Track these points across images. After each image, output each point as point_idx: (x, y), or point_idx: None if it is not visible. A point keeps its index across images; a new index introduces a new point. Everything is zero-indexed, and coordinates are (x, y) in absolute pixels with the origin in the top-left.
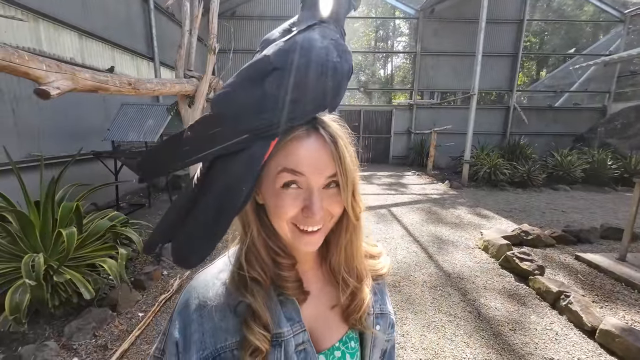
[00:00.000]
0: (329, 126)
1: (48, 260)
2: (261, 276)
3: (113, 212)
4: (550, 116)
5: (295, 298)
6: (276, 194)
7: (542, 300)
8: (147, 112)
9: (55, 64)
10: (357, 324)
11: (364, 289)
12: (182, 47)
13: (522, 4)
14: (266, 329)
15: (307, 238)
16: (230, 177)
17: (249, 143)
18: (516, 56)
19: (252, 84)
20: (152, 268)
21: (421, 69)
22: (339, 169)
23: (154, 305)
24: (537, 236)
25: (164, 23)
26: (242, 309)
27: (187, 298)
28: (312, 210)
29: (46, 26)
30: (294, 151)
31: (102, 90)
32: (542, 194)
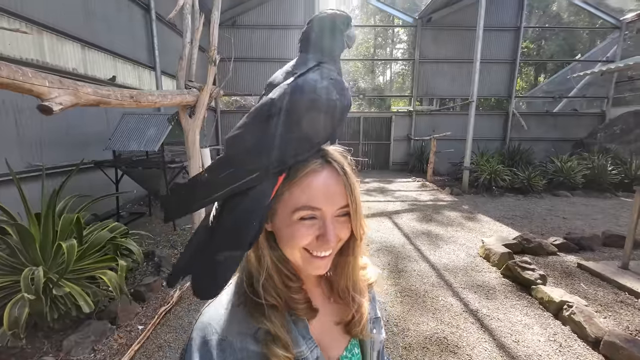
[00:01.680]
0: (338, 158)
1: (47, 273)
2: (277, 301)
3: (113, 223)
4: (550, 122)
5: (304, 317)
6: (291, 225)
7: (545, 310)
8: (149, 122)
9: (57, 79)
10: (359, 334)
11: (363, 303)
12: (183, 58)
13: (518, 11)
14: (288, 350)
15: (317, 262)
16: (243, 213)
17: (258, 180)
18: (514, 62)
19: (259, 125)
20: (152, 279)
21: (420, 75)
22: (350, 199)
23: (154, 318)
24: (539, 244)
25: (165, 33)
26: (262, 335)
27: (203, 335)
28: (327, 238)
29: (49, 38)
30: (310, 186)
31: (104, 104)
32: (543, 200)
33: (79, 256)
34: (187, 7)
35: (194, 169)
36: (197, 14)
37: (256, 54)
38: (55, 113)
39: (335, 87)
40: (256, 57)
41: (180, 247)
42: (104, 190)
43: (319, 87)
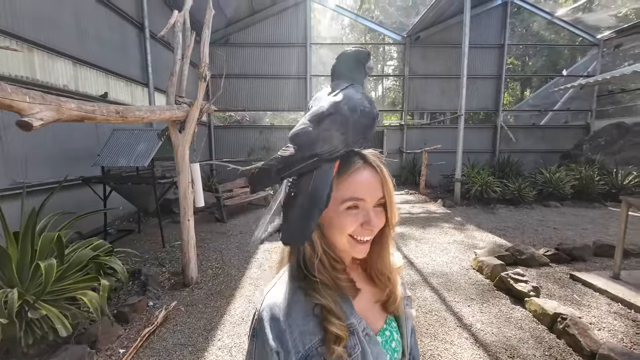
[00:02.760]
0: (375, 159)
1: (24, 295)
2: (328, 279)
3: (97, 241)
4: (537, 134)
5: (350, 295)
6: (340, 215)
7: (539, 323)
8: (139, 137)
9: (39, 95)
10: (395, 311)
11: (398, 284)
12: (174, 74)
13: (501, 30)
14: (341, 320)
15: (360, 247)
16: (316, 184)
17: (318, 163)
18: (500, 78)
19: (316, 124)
20: (137, 299)
21: (410, 91)
22: (386, 193)
23: (136, 340)
24: (531, 255)
25: (159, 50)
26: (319, 310)
27: (271, 312)
28: (371, 224)
29: (40, 55)
30: (354, 181)
31: (89, 120)
32: (534, 210)
33: (59, 276)
34: (179, 25)
35: (183, 184)
36: (189, 31)
37: (251, 71)
38: (36, 129)
39: (366, 99)
40: (250, 74)
41: (168, 264)
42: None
43: (356, 98)
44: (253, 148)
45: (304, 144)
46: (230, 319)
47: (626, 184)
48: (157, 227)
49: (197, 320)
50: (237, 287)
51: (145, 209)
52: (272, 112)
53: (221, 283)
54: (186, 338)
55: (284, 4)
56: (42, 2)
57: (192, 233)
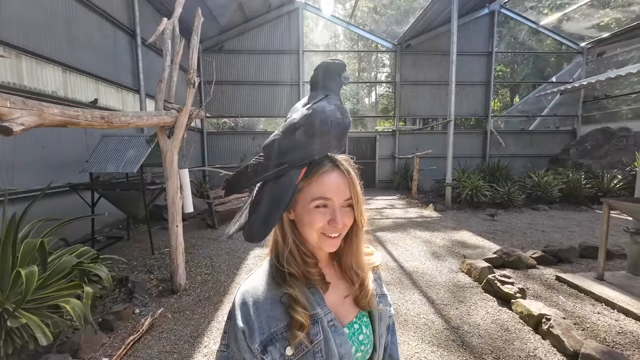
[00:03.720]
0: (344, 163)
1: (3, 303)
2: (297, 271)
3: (83, 248)
4: (526, 139)
5: (320, 288)
6: (310, 212)
7: (525, 324)
8: (128, 143)
9: (21, 100)
10: (366, 306)
11: (368, 279)
12: (163, 80)
13: (489, 38)
14: (305, 309)
15: (330, 241)
16: (279, 189)
17: (287, 170)
18: (489, 84)
19: (288, 135)
20: (123, 306)
21: (401, 97)
22: (352, 194)
23: (120, 349)
24: (518, 257)
25: (151, 57)
26: (286, 298)
27: (243, 297)
28: (337, 221)
29: (29, 62)
30: (324, 182)
31: (72, 125)
32: (523, 214)
33: (41, 284)
34: (168, 31)
35: (171, 189)
36: (178, 38)
37: (244, 78)
38: (16, 134)
39: (338, 110)
40: (244, 80)
41: (157, 271)
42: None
43: (327, 110)
44: (246, 154)
45: (274, 154)
46: (218, 326)
47: (612, 187)
48: (147, 234)
49: (183, 327)
50: (225, 294)
51: (135, 216)
52: (265, 118)
53: (210, 289)
54: (172, 345)
55: (277, 12)
56: (32, 9)
57: (181, 239)
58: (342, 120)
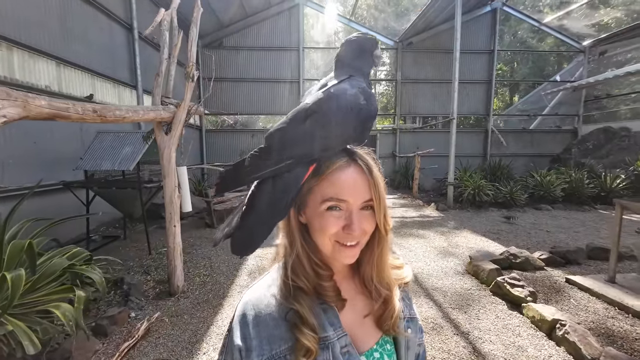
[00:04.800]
0: (364, 158)
1: None
2: (306, 285)
3: (75, 249)
4: (527, 138)
5: (334, 305)
6: (321, 215)
7: (538, 330)
8: (124, 140)
9: (4, 90)
10: (390, 330)
11: (394, 297)
12: (160, 74)
13: (491, 36)
14: (314, 331)
15: (346, 251)
16: (278, 191)
17: (292, 166)
18: (490, 83)
19: (296, 124)
20: (117, 310)
21: (402, 95)
22: (374, 195)
23: (114, 356)
24: (526, 259)
25: (149, 52)
26: (292, 316)
27: (243, 310)
28: (352, 228)
29: (21, 54)
30: (337, 180)
31: (61, 118)
32: (526, 214)
33: (29, 287)
34: (165, 23)
35: (169, 188)
36: (176, 30)
37: (244, 75)
38: None
39: (362, 94)
40: (244, 77)
41: (154, 272)
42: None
43: (348, 94)
44: (245, 152)
45: (276, 146)
46: (217, 330)
47: (615, 187)
48: (144, 233)
49: (181, 332)
50: (225, 296)
51: (131, 215)
52: (265, 115)
53: (209, 292)
54: (169, 352)
55: (277, 8)
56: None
57: (179, 239)
58: (366, 107)
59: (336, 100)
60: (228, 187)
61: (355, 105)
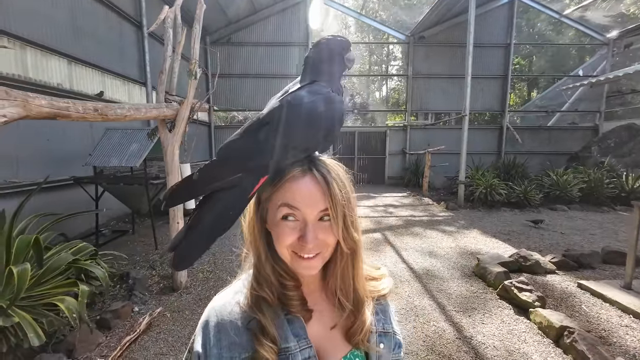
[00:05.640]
0: (323, 166)
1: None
2: (269, 295)
3: (81, 244)
4: (544, 135)
5: (301, 316)
6: (277, 224)
7: (545, 336)
8: (132, 137)
9: (3, 90)
10: (360, 344)
11: (363, 312)
12: (164, 72)
13: (508, 29)
14: (274, 342)
15: (304, 263)
16: (222, 207)
17: (241, 180)
18: (506, 78)
19: (248, 136)
20: (121, 304)
21: (414, 91)
22: (329, 205)
23: (116, 349)
24: (536, 262)
25: (157, 49)
26: (254, 325)
27: (207, 317)
28: (306, 239)
29: (33, 53)
30: (290, 188)
31: (62, 117)
32: (540, 214)
33: (36, 281)
34: (169, 20)
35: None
36: (180, 27)
37: (252, 70)
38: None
39: (323, 102)
40: (252, 73)
41: (159, 267)
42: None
43: (304, 102)
44: None
45: (228, 158)
46: None
47: (636, 188)
48: (151, 228)
49: (182, 327)
50: None
51: (138, 210)
52: None
53: (211, 288)
54: (169, 347)
55: (285, 3)
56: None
57: None
58: (325, 114)
59: (290, 109)
60: (178, 201)
61: (312, 113)
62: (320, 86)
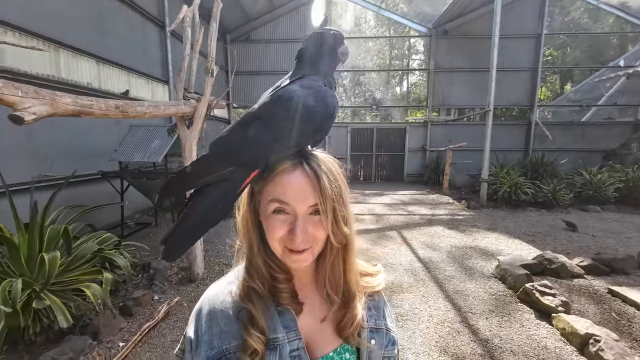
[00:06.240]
0: (314, 160)
1: (33, 284)
2: (260, 287)
3: (106, 234)
4: (577, 131)
5: (291, 309)
6: (268, 218)
7: (568, 343)
8: (154, 133)
9: (33, 89)
10: (350, 338)
11: (354, 306)
12: (183, 70)
13: (539, 18)
14: (262, 333)
15: (294, 256)
16: (212, 200)
17: (232, 174)
18: (536, 70)
19: (241, 130)
20: (142, 292)
21: (435, 85)
22: (319, 199)
23: (136, 334)
24: (562, 265)
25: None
26: (244, 315)
27: (201, 305)
28: (295, 233)
29: (66, 55)
30: (280, 183)
31: (86, 115)
32: (570, 215)
33: (65, 268)
34: (188, 19)
35: None
36: (198, 25)
37: (271, 67)
38: (28, 123)
39: (314, 96)
40: (271, 70)
41: (178, 259)
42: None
43: (295, 96)
44: None
45: (220, 153)
46: None
47: None
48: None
49: None
50: None
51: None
52: None
53: None
54: None
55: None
56: (68, 3)
57: None
58: (317, 108)
59: (282, 104)
60: (171, 194)
61: (304, 107)
62: (311, 80)
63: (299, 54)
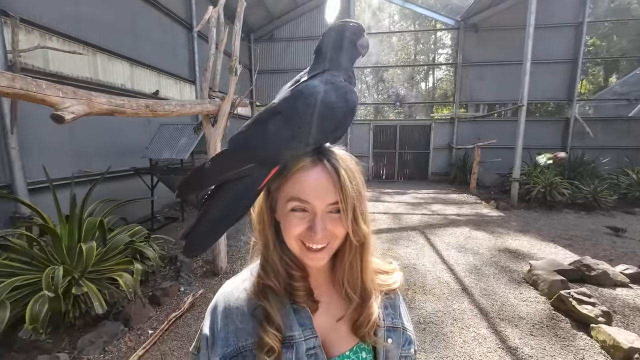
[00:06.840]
0: (334, 157)
1: (73, 272)
2: (275, 285)
3: (137, 227)
4: (622, 128)
5: (307, 307)
6: (286, 215)
7: (609, 356)
8: (182, 132)
9: (72, 90)
10: (366, 337)
11: (371, 305)
12: (208, 69)
13: (580, 5)
14: (278, 330)
15: (312, 254)
16: (233, 197)
17: (252, 170)
18: (576, 62)
19: (260, 125)
20: (169, 284)
21: (463, 80)
22: (340, 197)
23: (164, 323)
24: (604, 272)
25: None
26: (259, 313)
27: (216, 302)
28: (315, 230)
29: (102, 58)
30: (300, 180)
31: (119, 114)
32: (613, 218)
33: (100, 257)
34: (213, 20)
35: None
36: (222, 26)
37: (294, 65)
38: (67, 122)
39: (335, 91)
40: (294, 68)
41: (204, 252)
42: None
43: (316, 91)
44: None
45: (237, 149)
46: None
47: None
48: None
49: None
50: None
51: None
52: None
53: None
54: None
55: None
56: (103, 8)
57: None
58: (338, 104)
59: (302, 99)
60: (190, 191)
61: (324, 103)
62: (331, 75)
63: (318, 47)
